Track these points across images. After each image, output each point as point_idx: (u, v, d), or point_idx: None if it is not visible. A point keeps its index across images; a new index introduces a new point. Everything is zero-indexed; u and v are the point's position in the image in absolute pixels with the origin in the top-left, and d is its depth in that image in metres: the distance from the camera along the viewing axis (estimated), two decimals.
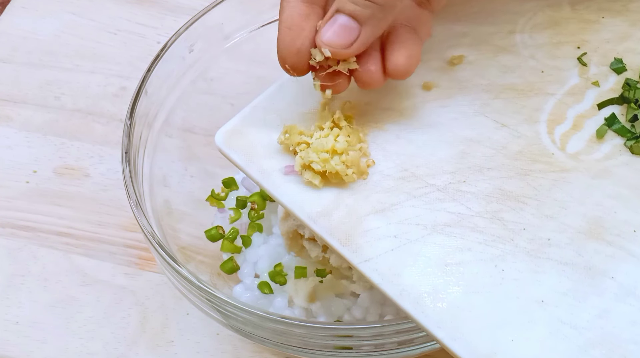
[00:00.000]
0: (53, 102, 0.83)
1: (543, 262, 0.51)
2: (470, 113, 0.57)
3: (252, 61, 0.77)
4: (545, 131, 0.56)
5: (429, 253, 0.52)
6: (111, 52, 0.86)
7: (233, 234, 0.70)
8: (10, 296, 0.72)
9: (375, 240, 0.52)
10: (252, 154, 0.56)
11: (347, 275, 0.67)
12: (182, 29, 0.71)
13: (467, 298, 0.50)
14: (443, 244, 0.52)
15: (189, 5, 0.87)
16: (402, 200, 0.54)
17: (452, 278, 0.51)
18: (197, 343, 0.69)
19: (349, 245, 0.52)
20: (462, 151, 0.55)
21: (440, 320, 0.50)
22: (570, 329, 0.49)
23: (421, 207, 0.53)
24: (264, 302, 0.67)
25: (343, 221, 0.53)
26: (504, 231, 0.52)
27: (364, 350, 0.61)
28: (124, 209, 0.74)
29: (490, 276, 0.51)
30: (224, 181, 0.72)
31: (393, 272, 0.51)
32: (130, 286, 0.72)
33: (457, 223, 0.53)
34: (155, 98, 0.70)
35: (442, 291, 0.51)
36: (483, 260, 0.51)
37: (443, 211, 0.53)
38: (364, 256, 0.52)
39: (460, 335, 0.49)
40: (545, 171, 0.54)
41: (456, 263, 0.51)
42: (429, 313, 0.50)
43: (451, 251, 0.52)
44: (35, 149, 0.80)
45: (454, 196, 0.54)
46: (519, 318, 0.50)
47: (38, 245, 0.75)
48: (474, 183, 0.54)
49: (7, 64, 0.86)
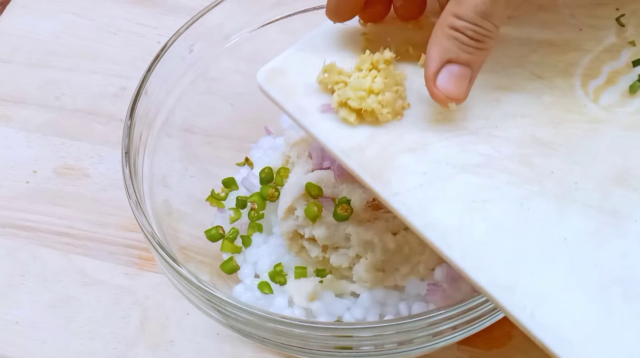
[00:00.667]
0: (53, 102, 0.83)
1: (569, 204, 0.53)
2: (508, 64, 0.58)
3: (252, 61, 0.76)
4: (580, 85, 0.57)
5: (457, 190, 0.53)
6: (111, 52, 0.86)
7: (233, 234, 0.70)
8: (10, 296, 0.72)
9: (406, 175, 0.54)
10: (291, 93, 0.57)
11: (347, 275, 0.67)
12: (182, 29, 0.71)
13: (491, 233, 0.52)
14: (471, 182, 0.53)
15: (189, 5, 0.87)
16: (434, 141, 0.55)
17: (478, 214, 0.52)
18: (197, 343, 0.70)
19: (380, 179, 0.54)
20: (496, 98, 0.57)
21: (464, 252, 0.51)
22: (592, 266, 0.51)
23: (452, 148, 0.55)
24: (264, 302, 0.67)
25: (375, 157, 0.54)
26: (533, 173, 0.54)
27: (364, 350, 0.61)
28: (124, 209, 0.74)
29: (516, 214, 0.52)
30: (224, 181, 0.72)
31: (421, 206, 0.53)
32: (130, 286, 0.72)
33: (487, 164, 0.54)
34: (155, 98, 0.70)
35: (468, 226, 0.52)
36: (510, 199, 0.53)
37: (474, 153, 0.54)
38: (393, 190, 0.53)
39: (483, 266, 0.51)
40: (577, 121, 0.56)
41: (483, 200, 0.53)
42: (453, 245, 0.52)
43: (479, 190, 0.53)
44: (35, 149, 0.80)
45: (486, 140, 0.55)
46: (541, 254, 0.51)
47: (38, 244, 0.75)
48: (506, 129, 0.55)
49: (7, 64, 0.86)
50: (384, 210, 0.66)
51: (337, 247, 0.66)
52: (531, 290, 0.50)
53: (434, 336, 0.61)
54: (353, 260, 0.66)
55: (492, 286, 0.51)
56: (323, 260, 0.67)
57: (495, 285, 0.50)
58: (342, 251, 0.66)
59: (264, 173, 0.70)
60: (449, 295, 0.65)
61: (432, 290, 0.65)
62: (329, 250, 0.67)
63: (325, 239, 0.66)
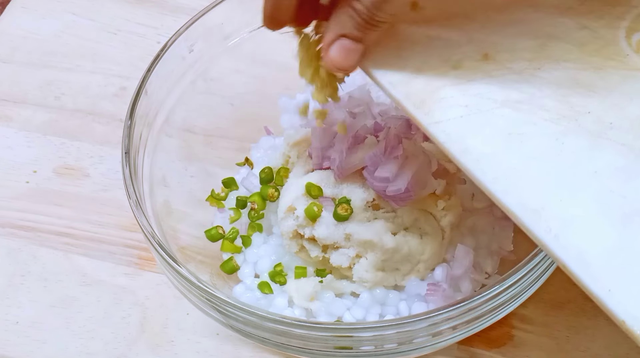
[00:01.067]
0: (53, 102, 0.83)
1: (602, 141, 0.55)
2: (556, 14, 0.60)
3: (252, 61, 0.77)
4: (624, 36, 0.60)
5: (496, 122, 0.56)
6: (111, 52, 0.86)
7: (233, 234, 0.70)
8: (10, 296, 0.72)
9: (447, 106, 0.56)
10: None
11: (347, 275, 0.67)
12: (182, 29, 0.71)
13: (524, 162, 0.54)
14: (510, 117, 0.56)
15: (189, 5, 0.87)
16: (478, 77, 0.57)
17: (514, 145, 0.55)
18: (197, 343, 0.70)
19: (422, 108, 0.56)
20: (542, 43, 0.59)
21: (496, 176, 0.54)
22: (619, 197, 0.53)
23: (495, 85, 0.57)
24: (264, 302, 0.67)
25: (420, 89, 0.57)
26: (570, 112, 0.56)
27: (364, 350, 0.61)
28: (124, 209, 0.74)
29: (550, 147, 0.55)
30: (224, 181, 0.72)
31: (459, 134, 0.55)
32: (130, 286, 0.72)
33: (527, 101, 0.56)
34: (155, 98, 0.70)
35: (502, 154, 0.55)
36: (546, 134, 0.55)
37: (515, 91, 0.57)
38: (435, 118, 0.56)
39: (512, 191, 0.53)
40: (618, 68, 0.58)
41: (519, 133, 0.55)
42: (486, 170, 0.54)
43: (517, 123, 0.56)
44: (35, 149, 0.80)
45: (528, 80, 0.57)
46: (570, 184, 0.53)
47: (38, 245, 0.75)
48: (548, 71, 0.58)
49: (7, 64, 0.86)
50: (384, 210, 0.66)
51: (337, 247, 0.66)
52: (557, 215, 0.52)
53: (434, 336, 0.61)
54: (353, 260, 0.66)
55: (519, 208, 0.53)
56: (323, 260, 0.67)
57: (522, 207, 0.53)
58: (342, 251, 0.66)
59: (264, 173, 0.70)
60: (449, 295, 0.65)
61: (432, 290, 0.65)
62: (329, 250, 0.66)
63: (325, 239, 0.66)
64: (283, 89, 0.77)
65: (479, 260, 0.67)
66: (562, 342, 0.68)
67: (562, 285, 0.70)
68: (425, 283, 0.66)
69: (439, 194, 0.67)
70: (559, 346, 0.67)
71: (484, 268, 0.67)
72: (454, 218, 0.67)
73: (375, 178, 0.64)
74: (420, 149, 0.66)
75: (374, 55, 0.58)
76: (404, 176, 0.64)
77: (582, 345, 0.67)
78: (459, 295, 0.66)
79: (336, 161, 0.66)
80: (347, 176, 0.66)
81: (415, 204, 0.66)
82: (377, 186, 0.65)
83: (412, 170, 0.64)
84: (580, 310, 0.69)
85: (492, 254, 0.68)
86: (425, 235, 0.66)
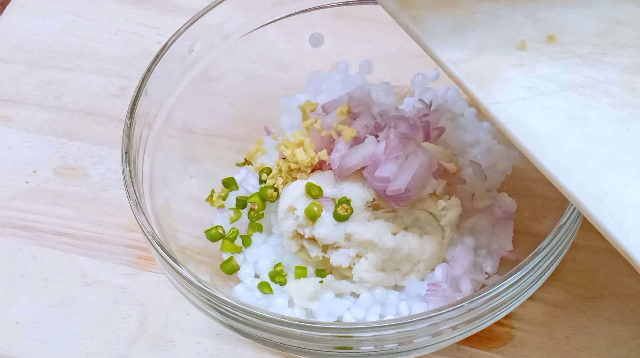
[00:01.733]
0: (53, 102, 0.83)
1: None
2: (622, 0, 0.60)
3: (252, 61, 0.77)
4: None
5: (558, 105, 0.55)
6: (111, 52, 0.86)
7: (233, 234, 0.70)
8: (10, 296, 0.72)
9: (509, 87, 0.56)
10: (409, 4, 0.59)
11: (347, 275, 0.67)
12: (182, 29, 0.71)
13: (587, 147, 0.54)
14: (573, 100, 0.55)
15: (189, 5, 0.87)
16: (543, 60, 0.57)
17: (577, 128, 0.54)
18: (197, 343, 0.70)
19: (483, 87, 0.56)
20: (608, 28, 0.58)
21: (557, 159, 0.53)
22: None
23: (559, 68, 0.57)
24: (264, 302, 0.67)
25: (482, 68, 0.57)
26: (635, 99, 0.55)
27: (364, 350, 0.61)
28: (124, 209, 0.74)
29: (614, 133, 0.54)
30: (224, 181, 0.72)
31: (520, 116, 0.55)
32: (130, 286, 0.72)
33: (591, 86, 0.56)
34: (155, 98, 0.70)
35: (564, 137, 0.54)
36: (610, 119, 0.55)
37: (579, 75, 0.56)
38: (496, 99, 0.55)
39: (574, 175, 0.53)
40: None
41: (583, 117, 0.55)
42: (548, 153, 0.53)
43: (580, 107, 0.55)
44: (35, 149, 0.80)
45: (593, 64, 0.57)
46: (635, 171, 0.53)
47: (38, 245, 0.75)
48: (613, 56, 0.57)
49: (7, 64, 0.86)
50: (384, 210, 0.66)
51: (337, 247, 0.66)
52: (620, 201, 0.52)
53: (434, 336, 0.61)
54: (353, 260, 0.66)
55: (580, 193, 0.52)
56: (323, 260, 0.67)
57: (584, 192, 0.52)
58: (342, 251, 0.66)
59: (263, 173, 0.70)
60: (449, 295, 0.65)
61: (432, 290, 0.65)
62: (329, 250, 0.67)
63: (325, 239, 0.66)
64: (283, 89, 0.77)
65: (479, 260, 0.67)
66: (562, 342, 0.68)
67: (562, 285, 0.70)
68: (425, 283, 0.66)
69: (439, 194, 0.67)
70: (559, 346, 0.67)
71: (484, 268, 0.67)
72: (454, 218, 0.67)
73: (375, 178, 0.64)
74: (420, 149, 0.66)
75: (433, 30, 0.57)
76: (404, 176, 0.64)
77: (582, 345, 0.67)
78: (459, 295, 0.66)
79: (336, 161, 0.66)
80: (347, 176, 0.66)
81: (415, 204, 0.66)
82: (377, 186, 0.65)
83: (412, 170, 0.64)
84: (580, 310, 0.69)
85: (492, 254, 0.68)
86: (425, 234, 0.66)
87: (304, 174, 0.67)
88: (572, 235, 0.64)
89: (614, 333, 0.68)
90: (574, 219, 0.62)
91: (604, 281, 0.70)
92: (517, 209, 0.70)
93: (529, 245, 0.62)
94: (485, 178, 0.69)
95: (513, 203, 0.69)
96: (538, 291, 0.65)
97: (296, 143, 0.67)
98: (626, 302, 0.69)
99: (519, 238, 0.69)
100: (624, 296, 0.69)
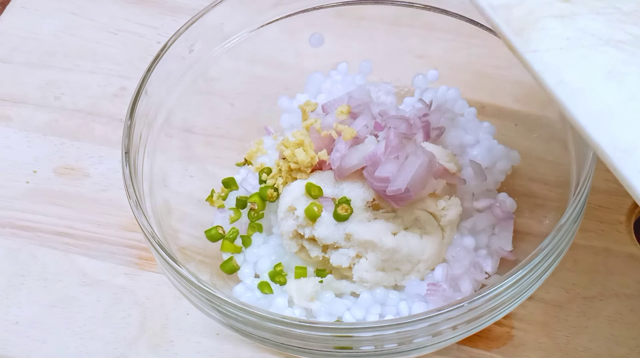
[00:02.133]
0: (53, 102, 0.83)
1: None
2: None
3: (252, 61, 0.77)
4: None
5: (597, 59, 0.54)
6: (111, 52, 0.86)
7: (233, 234, 0.70)
8: (10, 296, 0.72)
9: (548, 37, 0.55)
10: None
11: (347, 275, 0.67)
12: (182, 29, 0.71)
13: (622, 102, 0.52)
14: (612, 55, 0.54)
15: (189, 5, 0.87)
16: (585, 13, 0.56)
17: (612, 83, 0.53)
18: (197, 343, 0.70)
19: (521, 35, 0.55)
20: None
21: (589, 111, 0.52)
22: None
23: (601, 22, 0.56)
24: (264, 302, 0.67)
25: (521, 16, 0.56)
26: None
27: (364, 350, 0.61)
28: (124, 209, 0.74)
29: None
30: (223, 181, 0.72)
31: (556, 66, 0.54)
32: (130, 286, 0.72)
33: (632, 43, 0.55)
34: (155, 98, 0.70)
35: (599, 91, 0.53)
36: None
37: (621, 31, 0.55)
38: (533, 47, 0.54)
39: (605, 128, 0.52)
40: None
41: (620, 73, 0.53)
42: (580, 104, 0.52)
43: (619, 63, 0.54)
44: (35, 149, 0.80)
45: (636, 22, 0.56)
46: None
47: (38, 245, 0.75)
48: None
49: (7, 64, 0.86)
50: (384, 210, 0.66)
51: (337, 247, 0.66)
52: None
53: (434, 336, 0.61)
54: (353, 260, 0.66)
55: (610, 146, 0.51)
56: (323, 260, 0.67)
57: (613, 146, 0.51)
58: (342, 251, 0.66)
59: (263, 173, 0.70)
60: (449, 295, 0.65)
61: (432, 290, 0.65)
62: (329, 250, 0.67)
63: (325, 239, 0.66)
64: (283, 89, 0.77)
65: (479, 260, 0.67)
66: (562, 342, 0.68)
67: (562, 285, 0.70)
68: (425, 283, 0.66)
69: (439, 194, 0.67)
70: (559, 346, 0.67)
71: (484, 268, 0.67)
72: (454, 218, 0.67)
73: (375, 178, 0.64)
74: (420, 149, 0.66)
75: None
76: (404, 176, 0.64)
77: (582, 345, 0.67)
78: (459, 295, 0.66)
79: (336, 161, 0.66)
80: (347, 176, 0.66)
81: (415, 204, 0.66)
82: (377, 186, 0.65)
83: (412, 170, 0.64)
84: (580, 310, 0.69)
85: (492, 254, 0.68)
86: (425, 234, 0.66)
87: (304, 174, 0.67)
88: (572, 235, 0.64)
89: (614, 333, 0.68)
90: (574, 219, 0.62)
91: (604, 281, 0.70)
92: (517, 209, 0.70)
93: (529, 245, 0.63)
94: (485, 178, 0.69)
95: (513, 203, 0.70)
96: (538, 291, 0.65)
97: (296, 143, 0.67)
98: (626, 302, 0.69)
99: (519, 238, 0.69)
100: (624, 296, 0.69)
